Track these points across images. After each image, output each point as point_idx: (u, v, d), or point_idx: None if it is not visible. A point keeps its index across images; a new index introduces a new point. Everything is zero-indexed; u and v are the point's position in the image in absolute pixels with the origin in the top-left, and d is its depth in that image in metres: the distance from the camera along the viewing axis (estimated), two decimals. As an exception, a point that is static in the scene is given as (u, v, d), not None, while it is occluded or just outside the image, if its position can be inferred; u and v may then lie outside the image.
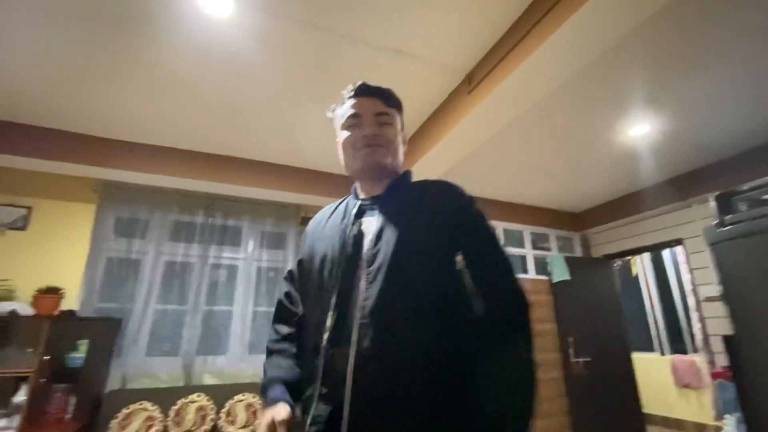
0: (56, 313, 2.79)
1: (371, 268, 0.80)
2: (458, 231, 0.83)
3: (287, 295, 1.03)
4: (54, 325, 2.65)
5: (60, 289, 2.86)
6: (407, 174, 1.00)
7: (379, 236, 0.83)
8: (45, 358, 2.55)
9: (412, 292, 0.77)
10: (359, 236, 0.86)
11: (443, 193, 0.91)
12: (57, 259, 3.04)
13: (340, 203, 1.02)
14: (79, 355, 2.72)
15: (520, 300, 0.79)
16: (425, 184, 0.96)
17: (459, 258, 0.80)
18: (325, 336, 0.79)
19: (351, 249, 0.85)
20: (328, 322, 0.80)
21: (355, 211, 0.92)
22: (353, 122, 0.95)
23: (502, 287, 0.80)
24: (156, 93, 2.47)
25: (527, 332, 0.77)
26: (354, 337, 0.75)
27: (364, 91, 0.96)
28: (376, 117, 0.94)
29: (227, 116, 2.73)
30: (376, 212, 0.88)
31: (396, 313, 0.75)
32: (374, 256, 0.80)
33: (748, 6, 1.83)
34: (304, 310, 0.98)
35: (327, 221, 0.98)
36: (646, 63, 2.21)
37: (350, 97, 0.97)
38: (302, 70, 2.27)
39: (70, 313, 2.83)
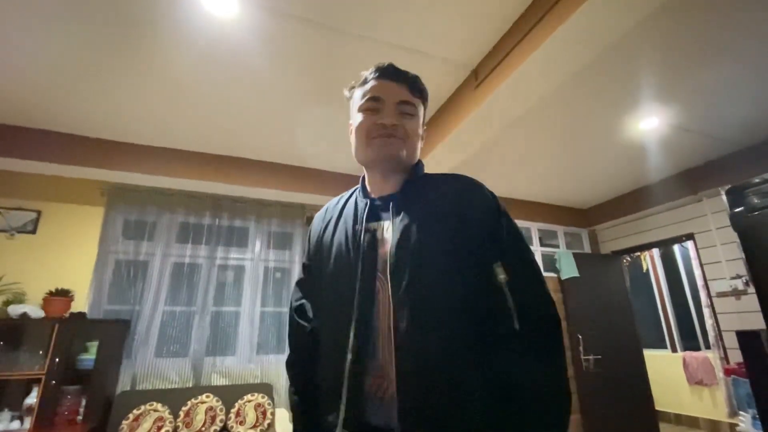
0: (66, 315, 2.81)
1: (397, 283, 0.73)
2: (491, 240, 0.76)
3: (299, 309, 0.93)
4: (64, 327, 2.67)
5: (70, 292, 2.88)
6: (419, 166, 0.90)
7: (400, 245, 0.75)
8: (56, 360, 2.57)
9: (445, 311, 0.71)
10: (374, 243, 0.79)
11: (466, 193, 0.82)
12: (66, 261, 3.06)
13: (347, 199, 0.94)
14: (89, 356, 2.74)
15: (553, 313, 0.75)
16: (443, 179, 0.86)
17: (499, 269, 0.73)
18: (349, 357, 0.73)
19: (367, 258, 0.78)
20: (351, 341, 0.73)
21: (366, 212, 0.83)
22: (372, 106, 0.84)
23: (539, 299, 0.75)
24: (162, 95, 2.47)
25: (561, 347, 0.74)
26: (392, 360, 0.70)
27: (389, 74, 0.85)
28: (398, 105, 0.84)
29: (233, 117, 2.73)
30: (393, 215, 0.80)
31: (430, 334, 0.70)
32: (399, 270, 0.73)
33: (760, -6, 1.79)
34: (317, 320, 0.89)
35: (335, 221, 0.89)
36: (655, 55, 2.17)
37: (373, 78, 0.86)
38: (307, 68, 2.26)
39: (80, 315, 2.85)
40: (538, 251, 4.34)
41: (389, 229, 0.79)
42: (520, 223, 4.27)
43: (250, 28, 1.95)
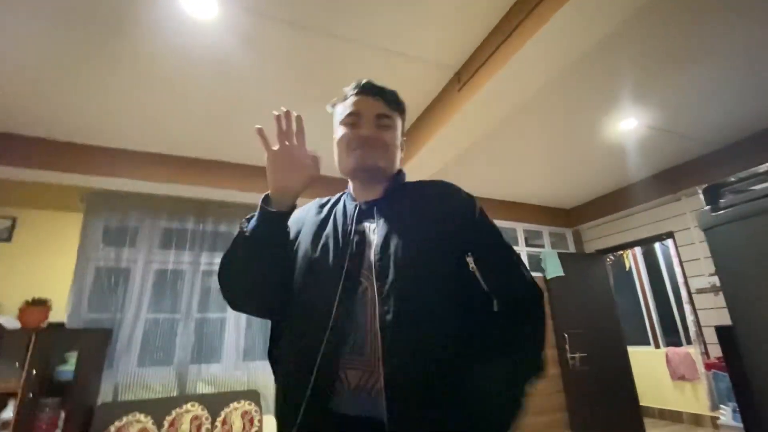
0: (44, 325, 2.73)
1: (383, 280, 0.76)
2: (466, 234, 0.82)
3: None
4: (42, 337, 2.59)
5: (47, 301, 2.80)
6: (401, 175, 0.97)
7: (385, 246, 0.79)
8: (33, 372, 2.49)
9: (429, 303, 0.75)
10: (362, 243, 0.83)
11: (445, 196, 0.89)
12: (44, 270, 2.98)
13: (332, 202, 0.98)
14: (68, 368, 2.66)
15: (532, 290, 0.81)
16: (423, 185, 0.93)
17: (470, 259, 0.79)
18: (323, 348, 0.73)
19: (355, 257, 0.81)
20: (328, 332, 0.75)
21: (356, 214, 0.88)
22: (352, 120, 0.91)
23: (514, 281, 0.81)
24: (142, 98, 2.42)
25: (540, 323, 0.80)
26: (378, 353, 0.72)
27: (367, 90, 0.93)
28: (376, 118, 0.90)
29: (215, 120, 2.70)
30: (377, 218, 0.85)
31: (416, 326, 0.73)
32: (384, 268, 0.77)
33: (731, 1, 1.85)
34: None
35: (322, 217, 0.93)
36: (633, 58, 2.23)
37: (353, 95, 0.93)
38: (290, 70, 2.25)
39: (59, 325, 2.77)
40: (524, 251, 4.39)
41: (375, 231, 0.83)
42: (506, 224, 4.33)
43: (231, 29, 1.93)
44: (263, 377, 3.29)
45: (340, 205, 0.94)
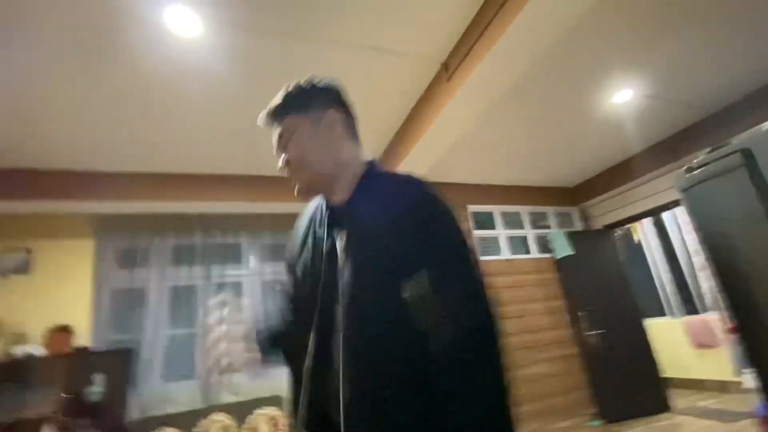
0: (69, 350, 2.81)
1: (345, 301, 0.74)
2: (413, 251, 0.73)
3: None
4: (69, 362, 2.68)
5: (69, 327, 2.88)
6: (371, 167, 0.88)
7: (345, 265, 0.76)
8: (63, 396, 2.57)
9: (377, 328, 0.72)
10: (333, 253, 0.80)
11: (399, 200, 0.79)
12: (63, 297, 3.06)
13: (315, 207, 0.95)
14: (96, 389, 2.74)
15: (470, 326, 0.70)
16: (388, 182, 0.85)
17: (407, 285, 0.71)
18: (308, 361, 0.77)
19: (327, 267, 0.79)
20: (310, 345, 0.78)
21: (326, 222, 0.85)
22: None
23: (451, 314, 0.70)
24: (136, 119, 2.48)
25: (488, 355, 0.70)
26: (338, 367, 0.72)
27: (264, 122, 0.91)
28: (278, 147, 0.87)
29: (211, 135, 2.74)
30: (345, 228, 0.80)
31: (364, 350, 0.71)
32: (344, 287, 0.76)
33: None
34: (294, 324, 0.89)
35: (304, 228, 0.93)
36: (622, 28, 2.21)
37: None
38: (280, 79, 2.23)
39: (84, 349, 2.85)
40: (530, 234, 4.38)
41: (341, 241, 0.80)
42: (510, 208, 4.33)
43: (217, 45, 1.97)
44: (285, 382, 3.33)
45: (318, 211, 0.91)
